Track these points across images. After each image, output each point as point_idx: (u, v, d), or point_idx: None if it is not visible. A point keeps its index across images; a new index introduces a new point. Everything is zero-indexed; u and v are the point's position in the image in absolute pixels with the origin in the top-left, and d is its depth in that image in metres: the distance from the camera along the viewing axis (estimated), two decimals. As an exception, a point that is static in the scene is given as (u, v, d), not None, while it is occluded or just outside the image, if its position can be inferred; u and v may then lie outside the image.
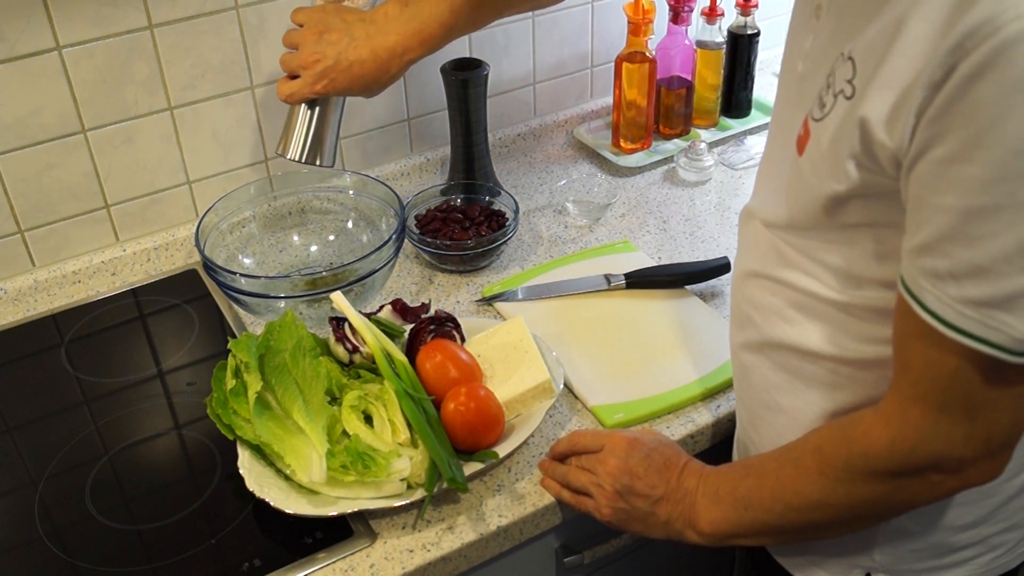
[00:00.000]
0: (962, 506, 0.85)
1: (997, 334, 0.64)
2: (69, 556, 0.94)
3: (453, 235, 1.28)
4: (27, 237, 1.27)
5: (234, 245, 1.26)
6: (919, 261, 0.66)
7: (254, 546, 0.94)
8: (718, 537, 0.87)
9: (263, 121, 1.35)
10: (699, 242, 1.36)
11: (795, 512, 0.81)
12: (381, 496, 0.93)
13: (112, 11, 1.18)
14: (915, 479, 0.74)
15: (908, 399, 0.71)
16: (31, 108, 1.19)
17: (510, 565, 1.02)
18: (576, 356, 1.14)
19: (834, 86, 0.70)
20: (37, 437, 1.08)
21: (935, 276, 0.65)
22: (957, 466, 0.72)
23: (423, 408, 0.98)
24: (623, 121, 1.53)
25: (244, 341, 1.00)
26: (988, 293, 0.63)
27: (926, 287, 0.66)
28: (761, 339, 0.87)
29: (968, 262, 0.63)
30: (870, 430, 0.74)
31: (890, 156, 0.66)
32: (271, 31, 1.29)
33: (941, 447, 0.71)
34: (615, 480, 0.91)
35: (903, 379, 0.72)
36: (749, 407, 0.94)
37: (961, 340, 0.65)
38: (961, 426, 0.70)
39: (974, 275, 0.63)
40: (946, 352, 0.67)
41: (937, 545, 0.87)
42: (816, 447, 0.79)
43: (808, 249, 0.79)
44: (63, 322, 1.25)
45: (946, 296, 0.64)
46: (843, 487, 0.77)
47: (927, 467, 0.73)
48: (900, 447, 0.72)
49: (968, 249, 0.62)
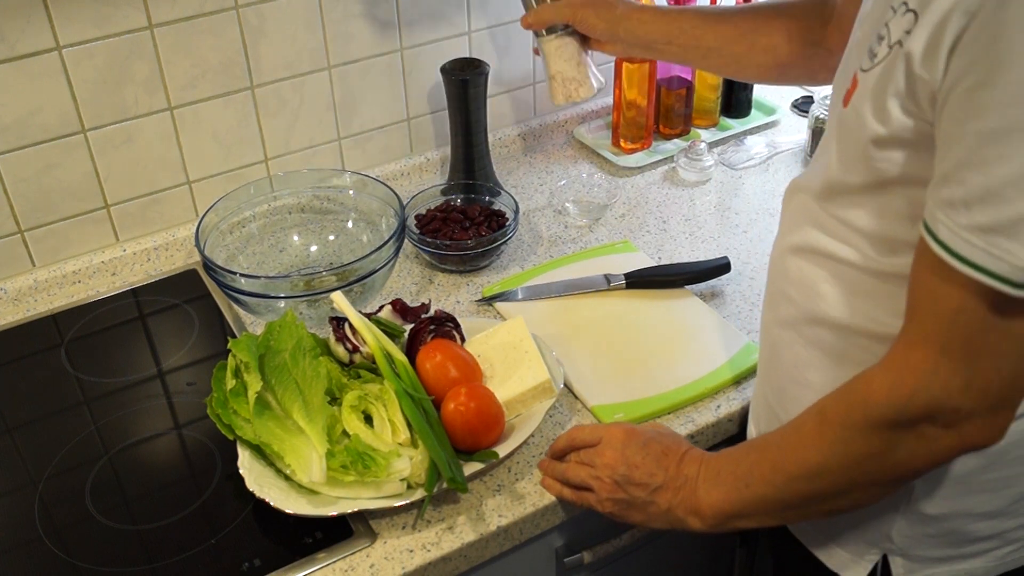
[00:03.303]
0: (982, 493, 0.85)
1: (1000, 264, 0.64)
2: (69, 556, 0.94)
3: (453, 235, 1.28)
4: (27, 237, 1.27)
5: (234, 245, 1.26)
6: (938, 193, 0.67)
7: (254, 546, 0.94)
8: (720, 519, 0.87)
9: (263, 121, 1.35)
10: (699, 242, 1.36)
11: (795, 482, 0.81)
12: (381, 496, 0.93)
13: (112, 11, 1.18)
14: (911, 433, 0.73)
15: (912, 342, 0.72)
16: (31, 108, 1.19)
17: (510, 565, 1.02)
18: (576, 356, 1.14)
19: (889, 37, 0.71)
20: (37, 437, 1.08)
21: (950, 206, 0.66)
22: (953, 418, 0.71)
23: (423, 408, 0.98)
24: (623, 121, 1.53)
25: (244, 341, 1.00)
26: (995, 219, 0.63)
27: (941, 219, 0.66)
28: (796, 315, 0.88)
29: (979, 187, 0.63)
30: (871, 379, 0.75)
31: (929, 93, 0.67)
32: (271, 31, 1.29)
33: (938, 393, 0.70)
34: (613, 471, 0.91)
35: (910, 322, 0.72)
36: (777, 386, 0.93)
37: (966, 271, 0.65)
38: (960, 373, 0.69)
39: (983, 200, 0.64)
40: (952, 287, 0.67)
41: (955, 532, 0.87)
42: (819, 410, 0.80)
43: (845, 216, 0.80)
44: (63, 322, 1.25)
45: (957, 225, 0.65)
46: (841, 446, 0.77)
47: (923, 417, 0.72)
48: (899, 392, 0.72)
49: (980, 174, 0.63)
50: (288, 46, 1.32)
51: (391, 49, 1.40)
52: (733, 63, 1.14)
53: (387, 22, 1.38)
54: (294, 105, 1.37)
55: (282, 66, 1.33)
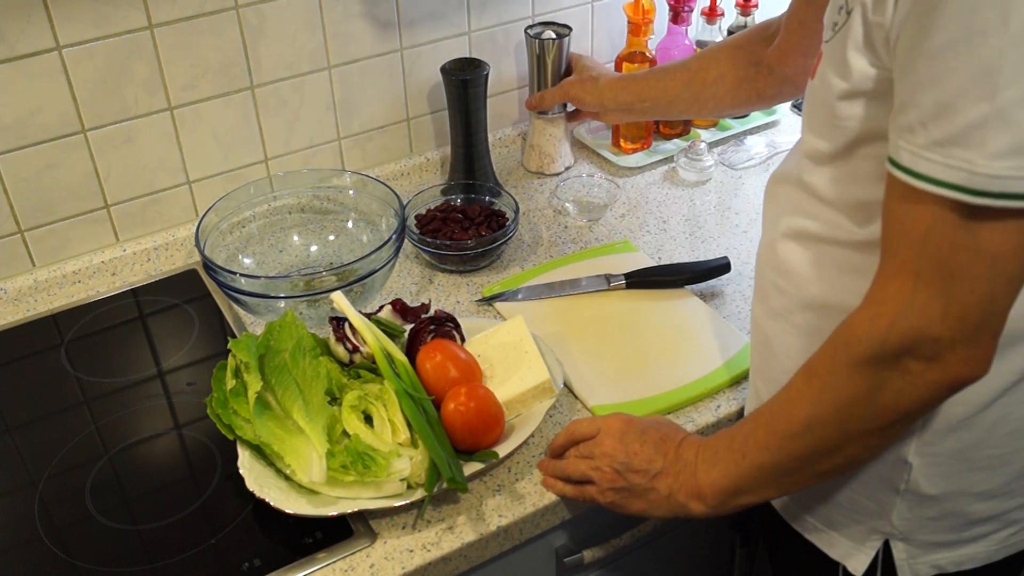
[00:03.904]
0: (980, 471, 0.85)
1: (959, 173, 0.65)
2: (69, 556, 0.94)
3: (453, 235, 1.28)
4: (27, 237, 1.27)
5: (234, 245, 1.26)
6: (896, 121, 0.69)
7: (254, 546, 0.94)
8: (721, 498, 0.86)
9: (263, 121, 1.35)
10: (699, 242, 1.36)
11: (789, 441, 0.81)
12: (381, 496, 0.93)
13: (112, 11, 1.18)
14: (895, 370, 0.73)
15: (887, 274, 0.72)
16: (31, 108, 1.19)
17: (510, 565, 1.02)
18: (576, 356, 1.14)
19: (847, 5, 0.74)
20: (37, 437, 1.08)
21: (908, 130, 0.67)
22: (935, 349, 0.71)
23: (423, 408, 0.98)
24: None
25: (244, 341, 1.00)
26: (949, 131, 0.65)
27: (902, 145, 0.68)
28: (786, 304, 0.88)
29: (933, 103, 0.65)
30: (852, 319, 0.76)
31: (883, 37, 0.70)
32: (271, 31, 1.30)
33: (917, 321, 0.70)
34: (612, 459, 0.92)
35: (885, 257, 0.73)
36: (769, 377, 0.94)
37: (928, 187, 0.67)
38: (937, 299, 0.70)
39: (937, 116, 0.65)
40: (920, 210, 0.68)
41: (955, 514, 0.87)
42: (806, 366, 0.80)
43: (821, 190, 0.82)
44: (63, 322, 1.25)
45: (916, 147, 0.67)
46: (829, 393, 0.77)
47: (905, 350, 0.72)
48: (878, 325, 0.72)
49: (932, 91, 0.65)
50: (288, 46, 1.32)
51: (391, 49, 1.40)
52: (694, 102, 1.28)
53: (387, 22, 1.38)
54: (294, 105, 1.37)
55: (282, 66, 1.33)
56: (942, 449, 0.84)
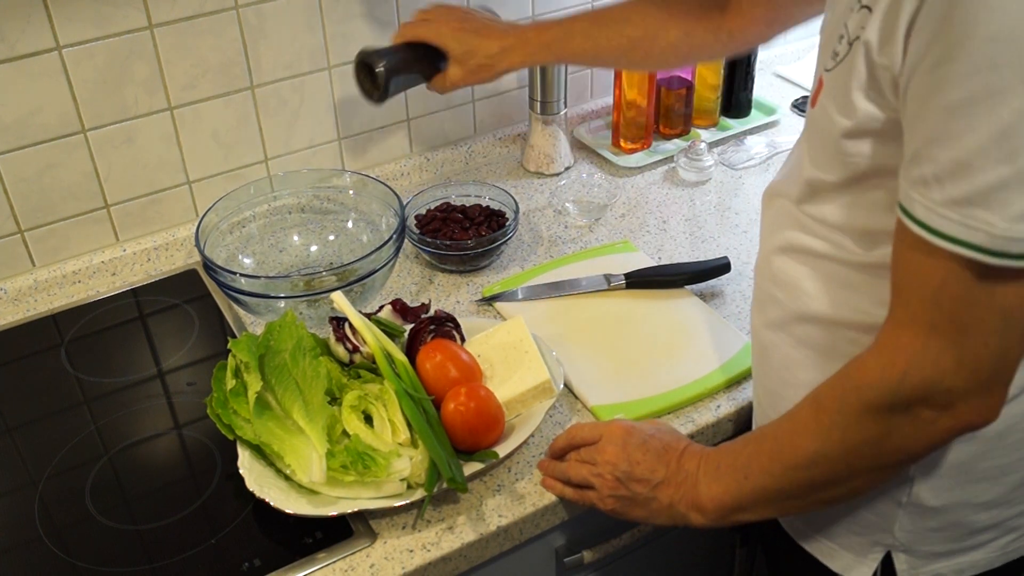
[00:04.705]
0: (982, 481, 0.85)
1: (977, 234, 0.64)
2: (69, 556, 0.94)
3: (453, 235, 1.28)
4: (27, 237, 1.27)
5: (234, 245, 1.26)
6: (909, 172, 0.67)
7: (254, 546, 0.94)
8: (721, 512, 0.87)
9: (263, 121, 1.35)
10: (699, 242, 1.36)
11: (794, 471, 0.81)
12: (381, 496, 0.93)
13: (112, 11, 1.18)
14: (907, 417, 0.73)
15: (900, 323, 0.72)
16: (31, 108, 1.19)
17: (510, 565, 1.02)
18: (576, 356, 1.14)
19: (848, 34, 0.72)
20: (37, 437, 1.08)
21: (923, 184, 0.66)
22: (948, 399, 0.71)
23: (423, 408, 0.98)
24: (623, 121, 1.53)
25: (244, 341, 1.00)
26: (967, 191, 0.64)
27: (916, 198, 0.67)
28: (784, 315, 0.88)
29: (949, 161, 0.64)
30: (863, 364, 0.75)
31: (890, 80, 0.68)
32: (271, 31, 1.30)
33: (930, 372, 0.71)
34: (614, 468, 0.91)
35: (896, 305, 0.73)
36: (769, 388, 0.94)
37: (944, 245, 0.66)
38: (950, 350, 0.70)
39: (955, 174, 0.64)
40: (934, 264, 0.68)
41: (957, 524, 0.87)
42: (813, 397, 0.80)
43: (824, 214, 0.81)
44: (63, 322, 1.25)
45: (931, 202, 0.66)
46: (837, 432, 0.77)
47: (917, 400, 0.72)
48: (890, 374, 0.72)
49: (949, 148, 0.64)
50: (288, 46, 1.32)
51: (391, 49, 1.40)
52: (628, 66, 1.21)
53: (387, 22, 1.38)
54: (294, 105, 1.37)
55: (282, 66, 1.33)
56: (945, 462, 0.84)
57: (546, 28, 1.17)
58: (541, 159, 1.51)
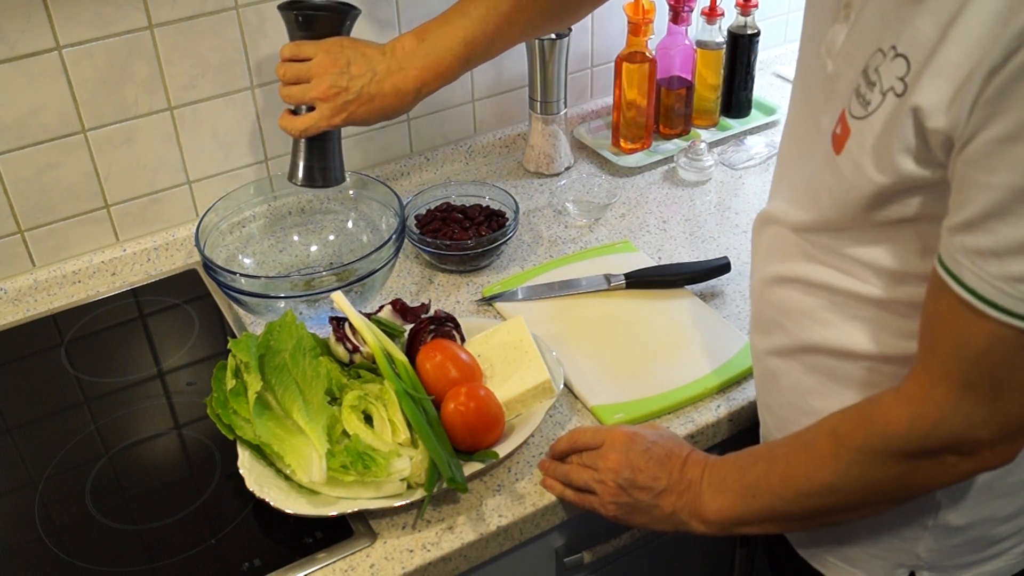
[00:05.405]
0: (1003, 498, 0.85)
1: None
2: (69, 556, 0.94)
3: (453, 235, 1.28)
4: (27, 237, 1.27)
5: (234, 245, 1.26)
6: (960, 239, 0.66)
7: (254, 546, 0.94)
8: (724, 525, 0.87)
9: (263, 121, 1.35)
10: (699, 242, 1.36)
11: (806, 497, 0.81)
12: (381, 496, 0.93)
13: (112, 11, 1.18)
14: (931, 461, 0.74)
15: (934, 378, 0.72)
16: (31, 108, 1.19)
17: (510, 565, 1.02)
18: (576, 356, 1.14)
19: (881, 83, 0.70)
20: (37, 437, 1.08)
21: (976, 253, 0.65)
22: (973, 448, 0.72)
23: (423, 408, 0.98)
24: (623, 121, 1.53)
25: (244, 341, 1.00)
26: None
27: (965, 264, 0.66)
28: (792, 343, 0.87)
29: (1012, 239, 0.63)
30: (890, 410, 0.75)
31: (943, 140, 0.66)
32: (271, 31, 1.29)
33: (961, 427, 0.71)
34: (617, 474, 0.91)
35: (930, 358, 0.72)
36: (777, 413, 0.93)
37: (998, 316, 0.65)
38: (983, 407, 0.70)
39: (1016, 252, 0.63)
40: (980, 330, 0.67)
41: (979, 539, 0.87)
42: (831, 429, 0.79)
43: (844, 248, 0.79)
44: (63, 322, 1.25)
45: (985, 273, 0.65)
46: (857, 469, 0.77)
47: (944, 448, 0.73)
48: (920, 426, 0.72)
49: (1012, 226, 0.63)
50: (288, 46, 1.32)
51: (391, 49, 1.40)
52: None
53: (387, 22, 1.38)
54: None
55: (282, 66, 1.33)
56: (970, 484, 0.84)
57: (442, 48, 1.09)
58: (541, 159, 1.51)
